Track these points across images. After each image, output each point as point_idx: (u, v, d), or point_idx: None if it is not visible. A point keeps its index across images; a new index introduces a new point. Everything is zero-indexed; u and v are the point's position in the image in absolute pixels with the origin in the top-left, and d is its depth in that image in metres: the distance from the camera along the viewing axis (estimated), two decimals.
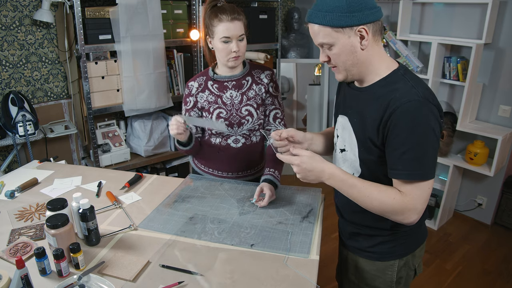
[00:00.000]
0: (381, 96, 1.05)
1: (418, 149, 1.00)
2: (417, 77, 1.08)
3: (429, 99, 1.00)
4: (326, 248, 2.07)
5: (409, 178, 1.02)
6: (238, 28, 1.46)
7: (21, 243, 1.22)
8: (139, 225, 1.35)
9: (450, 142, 2.84)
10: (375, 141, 1.08)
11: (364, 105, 1.11)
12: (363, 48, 1.03)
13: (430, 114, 1.00)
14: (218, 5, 1.49)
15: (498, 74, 2.72)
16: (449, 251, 2.75)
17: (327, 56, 1.07)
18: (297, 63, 3.94)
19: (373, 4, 1.02)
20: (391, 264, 1.24)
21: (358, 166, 1.17)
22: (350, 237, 1.32)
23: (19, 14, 2.42)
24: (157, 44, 2.62)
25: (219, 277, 1.10)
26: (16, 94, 2.31)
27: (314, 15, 1.02)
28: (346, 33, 1.01)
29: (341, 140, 1.23)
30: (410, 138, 1.00)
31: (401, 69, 1.09)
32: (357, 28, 1.00)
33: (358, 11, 0.99)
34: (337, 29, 1.00)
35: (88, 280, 1.06)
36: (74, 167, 1.88)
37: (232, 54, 1.48)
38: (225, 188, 1.62)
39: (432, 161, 1.03)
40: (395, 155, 1.03)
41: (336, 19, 0.99)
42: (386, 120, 1.03)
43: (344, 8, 0.98)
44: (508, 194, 2.86)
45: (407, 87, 1.03)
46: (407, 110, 0.99)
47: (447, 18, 2.89)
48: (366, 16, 1.00)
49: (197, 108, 1.63)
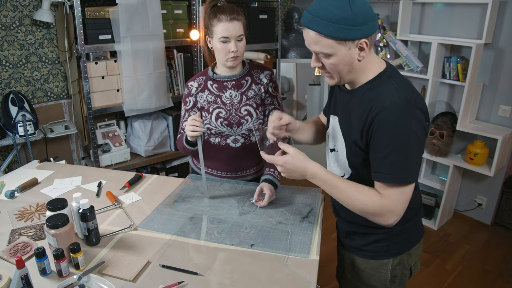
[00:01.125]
0: (367, 99, 1.06)
1: (400, 153, 1.00)
2: (403, 79, 1.07)
3: (412, 102, 1.00)
4: (326, 248, 2.07)
5: (391, 182, 1.03)
6: (237, 28, 1.46)
7: (21, 243, 1.22)
8: (139, 225, 1.35)
9: (450, 142, 2.84)
10: (360, 144, 1.09)
11: (351, 108, 1.12)
12: (360, 59, 1.03)
13: (412, 118, 1.00)
14: (218, 5, 1.49)
15: (498, 74, 2.72)
16: (449, 251, 2.75)
17: (321, 62, 1.05)
18: (297, 63, 3.94)
19: (374, 14, 1.01)
20: (385, 262, 1.24)
21: (347, 167, 1.18)
22: (346, 235, 1.33)
23: (19, 14, 2.42)
24: (157, 44, 2.62)
25: (219, 277, 1.10)
26: (16, 94, 2.31)
27: (315, 22, 0.97)
28: (348, 45, 0.98)
29: (331, 140, 1.24)
30: (392, 142, 1.00)
31: (387, 71, 1.08)
32: (359, 41, 0.98)
33: (363, 24, 0.96)
34: (340, 41, 0.97)
35: (88, 280, 1.06)
36: (74, 167, 1.88)
37: (231, 54, 1.48)
38: (225, 188, 1.62)
39: (414, 165, 1.03)
40: (378, 158, 1.04)
41: (341, 31, 0.95)
42: (370, 124, 1.03)
43: (350, 21, 0.94)
44: (508, 194, 2.86)
45: (390, 90, 1.03)
46: (388, 114, 0.99)
47: (447, 18, 2.89)
48: (369, 28, 0.98)
49: (196, 108, 1.63)
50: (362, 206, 1.07)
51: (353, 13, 0.94)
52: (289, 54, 3.85)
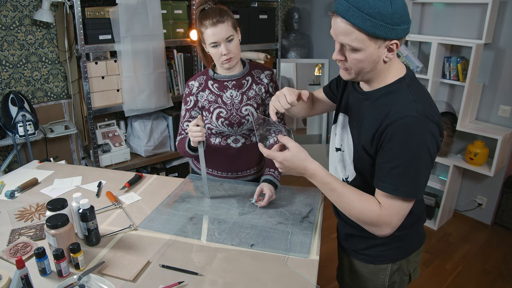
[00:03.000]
0: (382, 105, 1.03)
1: (409, 166, 0.97)
2: (422, 89, 1.04)
3: (429, 116, 0.96)
4: (326, 248, 2.07)
5: (394, 193, 0.99)
6: (223, 31, 1.44)
7: (21, 243, 1.22)
8: (139, 225, 1.35)
9: (450, 142, 2.84)
10: (369, 150, 1.06)
11: (365, 111, 1.08)
12: (386, 61, 0.99)
13: (427, 133, 0.96)
14: (205, 9, 1.48)
15: (498, 74, 2.72)
16: (449, 251, 2.75)
17: (344, 56, 1.00)
18: (297, 63, 3.94)
19: (409, 19, 0.96)
20: (383, 268, 1.23)
21: (352, 169, 1.15)
22: (346, 238, 1.32)
23: (19, 14, 2.42)
24: (157, 44, 2.62)
25: (219, 277, 1.10)
26: (16, 94, 2.31)
27: (351, 12, 0.91)
28: (378, 43, 0.94)
29: (338, 138, 1.21)
30: (403, 154, 0.97)
31: (407, 78, 1.04)
32: (391, 41, 0.94)
33: (399, 24, 0.92)
34: (373, 38, 0.93)
35: (88, 280, 1.06)
36: (74, 167, 1.88)
37: (223, 57, 1.48)
38: (225, 188, 1.62)
39: (422, 180, 1.00)
40: (385, 168, 1.00)
41: (377, 28, 0.91)
42: (382, 132, 1.00)
43: (388, 18, 0.90)
44: (508, 194, 2.87)
45: (408, 100, 0.99)
46: (403, 125, 0.96)
47: (447, 18, 2.89)
48: (403, 30, 0.94)
49: (197, 107, 1.63)
50: (359, 215, 1.04)
51: (393, 11, 0.90)
52: (289, 54, 3.85)
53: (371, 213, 1.02)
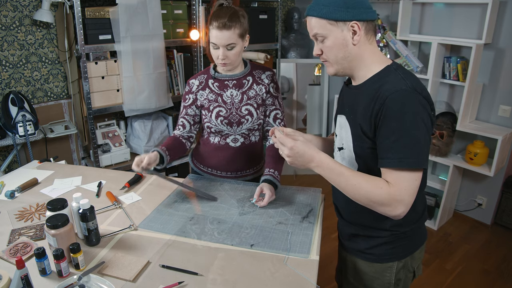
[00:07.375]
0: (373, 89, 1.08)
1: (408, 137, 1.00)
2: (409, 72, 1.10)
3: (417, 89, 1.02)
4: (326, 248, 2.07)
5: (400, 166, 1.01)
6: (225, 38, 1.44)
7: (21, 243, 1.22)
8: (139, 225, 1.35)
9: (450, 142, 2.84)
10: (367, 132, 1.09)
11: (359, 100, 1.12)
12: (355, 44, 1.07)
13: (418, 104, 1.01)
14: (223, 5, 1.49)
15: (498, 74, 2.72)
16: (449, 251, 2.75)
17: (320, 49, 1.12)
18: (297, 63, 3.94)
19: (368, 5, 1.07)
20: (389, 266, 1.23)
21: (354, 162, 1.17)
22: (349, 238, 1.32)
23: (19, 14, 2.42)
24: (157, 44, 2.62)
25: (219, 277, 1.10)
26: (16, 94, 2.31)
27: (312, 8, 1.08)
28: (340, 27, 1.06)
29: (339, 138, 1.24)
30: (400, 126, 1.01)
31: (393, 65, 1.11)
32: (350, 23, 1.05)
33: (353, 8, 1.04)
34: (332, 21, 1.05)
35: (88, 280, 1.06)
36: (74, 167, 1.88)
37: (219, 60, 1.50)
38: (225, 188, 1.62)
39: (423, 150, 1.02)
40: (386, 144, 1.03)
41: (332, 12, 1.04)
42: (377, 110, 1.04)
43: (340, 3, 1.04)
44: (508, 194, 2.87)
45: (397, 79, 1.05)
46: (395, 99, 1.01)
47: (447, 18, 2.89)
48: (360, 13, 1.05)
49: (195, 106, 1.64)
50: (368, 195, 1.04)
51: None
52: (289, 54, 3.85)
53: (380, 191, 1.03)
